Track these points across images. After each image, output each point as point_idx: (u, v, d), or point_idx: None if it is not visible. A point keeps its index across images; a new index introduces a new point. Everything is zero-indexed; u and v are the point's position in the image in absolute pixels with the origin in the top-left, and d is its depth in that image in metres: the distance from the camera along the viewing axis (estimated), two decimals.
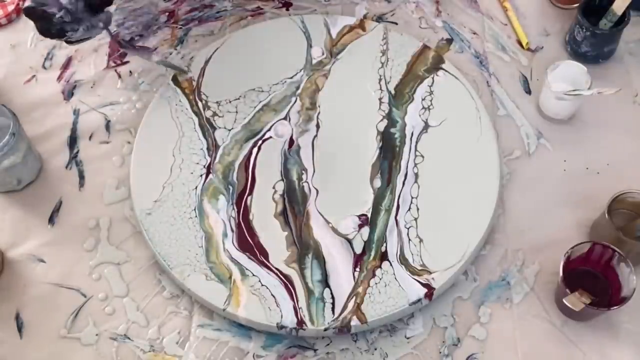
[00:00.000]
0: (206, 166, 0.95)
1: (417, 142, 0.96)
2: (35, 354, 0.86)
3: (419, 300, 0.86)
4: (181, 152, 0.96)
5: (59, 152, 0.99)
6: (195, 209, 0.92)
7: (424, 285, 0.86)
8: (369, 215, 0.91)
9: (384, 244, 0.89)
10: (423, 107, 0.98)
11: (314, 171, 0.94)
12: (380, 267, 0.88)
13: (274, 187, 0.93)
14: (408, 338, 0.86)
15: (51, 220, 0.94)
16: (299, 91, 1.00)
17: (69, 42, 0.93)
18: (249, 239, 0.90)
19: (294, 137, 0.97)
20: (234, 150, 0.96)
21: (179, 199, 0.93)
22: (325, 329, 0.85)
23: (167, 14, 1.10)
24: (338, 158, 0.95)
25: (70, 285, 0.90)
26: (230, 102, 1.00)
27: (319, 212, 0.91)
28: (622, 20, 0.98)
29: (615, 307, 0.82)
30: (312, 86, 1.01)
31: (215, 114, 0.99)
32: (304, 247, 0.89)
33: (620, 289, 0.83)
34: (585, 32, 0.99)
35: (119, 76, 1.05)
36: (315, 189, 0.93)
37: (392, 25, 1.08)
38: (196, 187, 0.93)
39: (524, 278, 0.89)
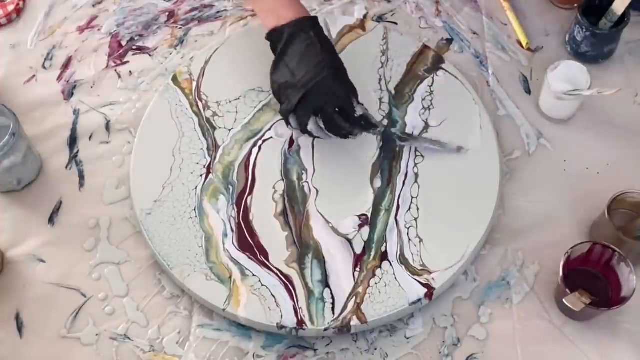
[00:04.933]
0: (206, 166, 0.95)
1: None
2: (35, 354, 0.86)
3: (419, 300, 0.86)
4: (181, 152, 0.96)
5: (59, 152, 0.99)
6: (195, 209, 0.92)
7: (424, 285, 0.86)
8: (369, 215, 0.91)
9: (384, 244, 0.89)
10: (423, 107, 0.98)
11: (314, 171, 0.94)
12: (380, 267, 0.88)
13: (274, 187, 0.93)
14: (408, 338, 0.86)
15: (51, 220, 0.94)
16: None
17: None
18: (249, 239, 0.90)
19: (294, 137, 0.97)
20: (234, 150, 0.96)
21: (179, 199, 0.93)
22: (325, 329, 0.85)
23: (167, 14, 1.10)
24: (338, 158, 0.95)
25: (70, 285, 0.90)
26: (230, 102, 1.00)
27: (319, 212, 0.91)
28: (622, 20, 0.98)
29: (615, 307, 0.82)
30: None
31: (215, 114, 0.99)
32: (304, 247, 0.89)
33: (620, 289, 0.83)
34: (585, 32, 0.99)
35: (119, 76, 1.05)
36: (315, 189, 0.93)
37: (392, 25, 1.08)
38: (196, 187, 0.93)
39: (524, 278, 0.89)
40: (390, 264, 0.88)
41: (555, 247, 0.89)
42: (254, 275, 0.88)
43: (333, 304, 0.86)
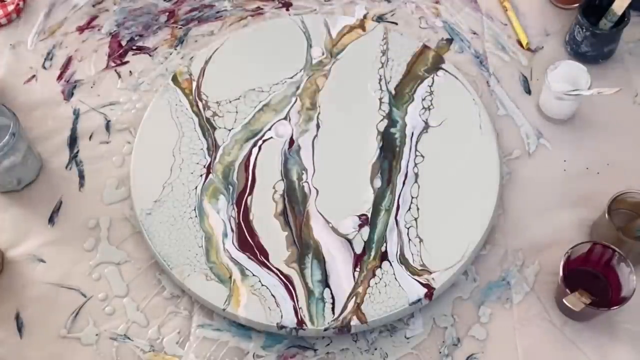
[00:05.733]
0: (206, 166, 0.95)
1: (417, 142, 0.96)
2: (35, 354, 0.86)
3: (419, 300, 0.86)
4: (181, 152, 0.96)
5: (59, 152, 0.99)
6: (195, 209, 0.92)
7: (424, 285, 0.86)
8: (369, 215, 0.91)
9: (384, 244, 0.89)
10: (423, 107, 0.98)
11: (314, 171, 0.94)
12: (380, 267, 0.88)
13: (274, 187, 0.93)
14: (408, 338, 0.86)
15: (51, 220, 0.94)
16: (299, 91, 1.00)
17: None
18: (249, 239, 0.90)
19: (294, 137, 0.97)
20: (234, 150, 0.96)
21: (179, 199, 0.93)
22: (325, 329, 0.85)
23: (167, 14, 1.10)
24: (338, 158, 0.95)
25: (70, 285, 0.90)
26: (230, 102, 1.00)
27: (319, 212, 0.91)
28: (622, 20, 0.98)
29: (615, 307, 0.82)
30: (312, 86, 1.01)
31: (215, 114, 0.99)
32: (304, 247, 0.89)
33: (620, 289, 0.83)
34: (585, 32, 0.99)
35: (119, 76, 1.05)
36: (315, 189, 0.93)
37: (392, 25, 1.08)
38: (196, 187, 0.93)
39: (524, 278, 0.89)
40: (390, 264, 0.88)
41: (555, 247, 0.89)
42: (254, 275, 0.88)
43: (333, 304, 0.86)
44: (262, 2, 1.11)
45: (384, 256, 0.88)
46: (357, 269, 0.88)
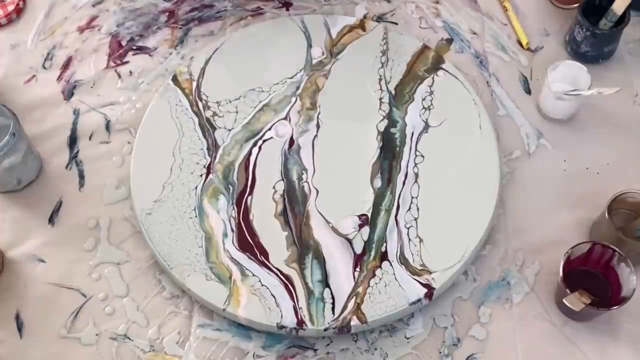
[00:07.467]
0: (206, 166, 0.95)
1: (417, 142, 0.96)
2: (35, 354, 0.86)
3: (419, 300, 0.86)
4: (181, 152, 0.96)
5: (59, 152, 0.99)
6: (195, 209, 0.92)
7: (424, 285, 0.86)
8: (369, 215, 0.91)
9: (384, 244, 0.89)
10: (423, 107, 0.98)
11: (314, 171, 0.94)
12: (380, 267, 0.88)
13: (274, 187, 0.93)
14: (408, 338, 0.86)
15: (51, 220, 0.94)
16: (299, 91, 1.00)
17: None
18: (249, 239, 0.90)
19: (294, 137, 0.97)
20: (234, 150, 0.96)
21: (179, 199, 0.93)
22: (325, 329, 0.85)
23: (167, 14, 1.10)
24: (338, 158, 0.95)
25: (70, 285, 0.90)
26: (230, 102, 1.00)
27: (319, 212, 0.91)
28: (622, 20, 0.98)
29: (615, 307, 0.82)
30: (312, 86, 1.01)
31: (215, 114, 0.99)
32: (304, 247, 0.89)
33: (620, 289, 0.83)
34: (585, 32, 0.99)
35: (119, 76, 1.05)
36: (315, 189, 0.93)
37: (392, 25, 1.08)
38: (196, 187, 0.93)
39: (524, 278, 0.89)
40: (390, 264, 0.88)
41: (555, 247, 0.89)
42: (254, 275, 0.88)
43: (333, 304, 0.86)
44: (262, 2, 1.11)
45: (384, 256, 0.88)
46: (357, 269, 0.88)
